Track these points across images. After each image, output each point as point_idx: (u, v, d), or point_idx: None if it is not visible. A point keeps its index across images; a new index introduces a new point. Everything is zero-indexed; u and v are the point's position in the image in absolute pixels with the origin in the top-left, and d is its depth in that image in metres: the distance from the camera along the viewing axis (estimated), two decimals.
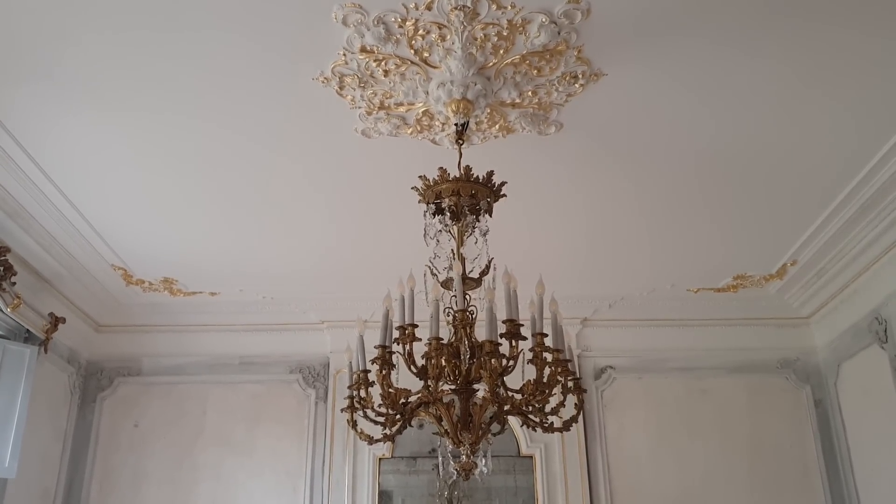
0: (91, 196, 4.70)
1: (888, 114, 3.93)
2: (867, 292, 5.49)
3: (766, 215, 5.02)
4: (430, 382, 2.97)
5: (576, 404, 3.19)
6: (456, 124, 3.62)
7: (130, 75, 3.55)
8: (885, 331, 5.27)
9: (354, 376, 3.19)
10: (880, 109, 3.89)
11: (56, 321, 5.56)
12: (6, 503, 5.14)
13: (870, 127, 4.05)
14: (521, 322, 2.97)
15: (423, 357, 3.00)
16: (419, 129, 3.95)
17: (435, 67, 3.47)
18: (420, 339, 3.01)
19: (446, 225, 3.38)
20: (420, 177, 3.43)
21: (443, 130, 3.95)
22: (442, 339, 2.98)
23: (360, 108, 3.80)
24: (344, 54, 3.41)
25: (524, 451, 6.22)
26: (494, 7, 3.13)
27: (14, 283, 4.92)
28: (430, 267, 3.31)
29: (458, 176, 3.36)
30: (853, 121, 3.98)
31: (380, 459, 6.17)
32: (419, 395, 3.01)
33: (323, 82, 3.59)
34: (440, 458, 3.29)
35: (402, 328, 3.03)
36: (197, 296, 6.30)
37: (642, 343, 6.52)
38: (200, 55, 3.42)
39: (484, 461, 3.14)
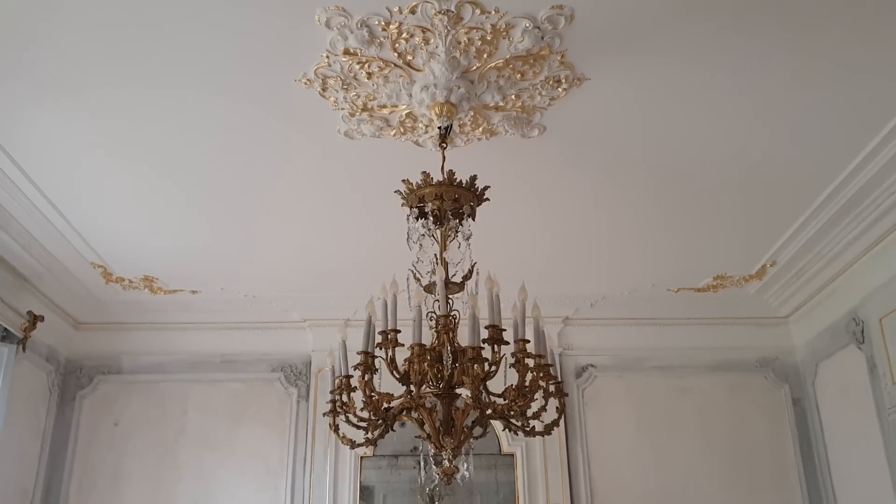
0: (70, 194, 4.65)
1: (867, 118, 3.96)
2: (845, 293, 5.55)
3: (746, 217, 5.06)
4: (412, 387, 2.98)
5: (557, 408, 3.21)
6: (439, 127, 3.62)
7: (110, 74, 3.51)
8: (863, 331, 5.34)
9: (337, 381, 3.18)
10: (860, 113, 3.92)
11: (35, 319, 5.51)
12: None
13: (849, 130, 4.08)
14: (503, 327, 2.98)
15: (405, 362, 3.01)
16: (402, 131, 3.95)
17: (418, 70, 3.47)
18: (403, 345, 3.01)
19: (429, 229, 3.38)
20: (403, 181, 3.42)
21: (426, 133, 3.95)
22: (424, 345, 2.98)
23: (342, 109, 3.78)
24: (327, 56, 3.40)
25: (505, 448, 6.25)
26: (478, 12, 3.12)
27: None
28: (412, 271, 3.31)
29: (441, 180, 3.36)
30: (833, 124, 4.01)
31: (361, 458, 6.17)
32: (401, 399, 3.01)
33: (305, 84, 3.58)
34: (422, 462, 3.30)
35: (384, 333, 3.03)
36: (177, 294, 6.26)
37: (623, 342, 6.56)
38: (181, 55, 3.39)
39: (466, 465, 3.15)
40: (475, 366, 2.89)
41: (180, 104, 3.75)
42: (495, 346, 2.96)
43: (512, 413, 3.01)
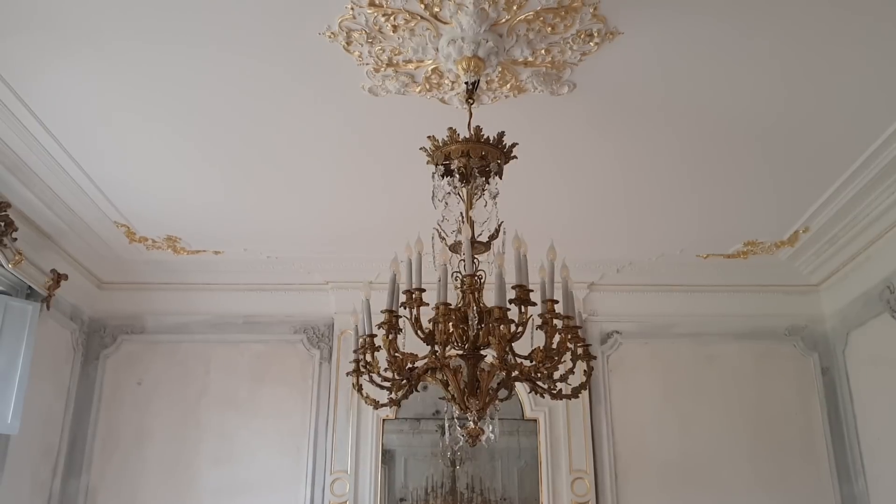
0: (93, 151, 4.61)
1: None
2: (879, 261, 5.41)
3: (779, 181, 4.92)
4: (437, 348, 2.91)
5: (584, 371, 3.13)
6: (466, 83, 3.52)
7: (132, 29, 3.43)
8: None
9: (360, 340, 3.13)
10: None
11: (58, 278, 5.50)
12: (9, 459, 5.14)
13: (889, 95, 3.93)
14: (530, 287, 2.90)
15: (430, 322, 2.94)
16: (428, 87, 3.84)
17: (446, 23, 3.35)
18: (427, 304, 2.94)
19: (455, 187, 3.29)
20: (429, 137, 3.33)
21: (452, 89, 3.84)
22: (450, 304, 2.91)
23: (367, 64, 3.68)
24: (352, 8, 3.30)
25: (528, 414, 6.21)
26: None
27: (15, 239, 4.86)
28: (438, 230, 3.23)
29: (467, 136, 3.26)
30: (872, 88, 3.86)
31: (384, 420, 6.16)
32: (426, 360, 2.95)
33: (330, 37, 3.48)
34: (447, 424, 3.25)
35: (409, 292, 2.96)
36: (201, 254, 6.24)
37: (649, 308, 6.47)
38: (203, 8, 3.30)
39: (491, 427, 3.09)
40: (501, 326, 2.82)
41: (203, 59, 3.67)
42: (522, 306, 2.88)
43: (538, 375, 2.94)
